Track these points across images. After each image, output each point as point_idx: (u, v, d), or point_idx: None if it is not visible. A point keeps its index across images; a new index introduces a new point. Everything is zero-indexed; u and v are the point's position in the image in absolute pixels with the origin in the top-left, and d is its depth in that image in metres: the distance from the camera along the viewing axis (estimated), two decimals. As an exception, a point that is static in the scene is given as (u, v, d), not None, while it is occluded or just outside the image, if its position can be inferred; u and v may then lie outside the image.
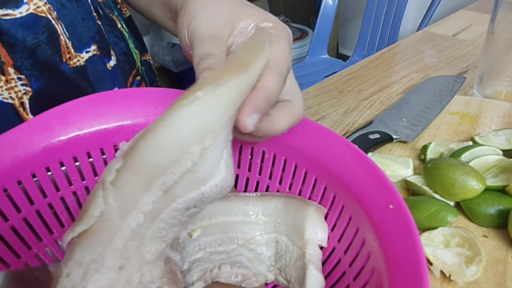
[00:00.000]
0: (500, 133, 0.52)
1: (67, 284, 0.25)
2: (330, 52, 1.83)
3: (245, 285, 0.32)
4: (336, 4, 1.59)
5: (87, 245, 0.25)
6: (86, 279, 0.25)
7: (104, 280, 0.25)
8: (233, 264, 0.33)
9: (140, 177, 0.25)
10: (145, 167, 0.25)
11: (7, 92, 0.47)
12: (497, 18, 0.58)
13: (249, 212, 0.37)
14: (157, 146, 0.24)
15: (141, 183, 0.25)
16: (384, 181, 0.31)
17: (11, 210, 0.36)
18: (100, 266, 0.25)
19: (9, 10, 0.44)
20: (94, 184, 0.41)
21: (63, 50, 0.49)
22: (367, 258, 0.29)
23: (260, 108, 0.28)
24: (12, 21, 0.44)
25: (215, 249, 0.34)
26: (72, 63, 0.50)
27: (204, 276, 0.32)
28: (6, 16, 0.44)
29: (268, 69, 0.29)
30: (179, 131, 0.24)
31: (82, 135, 0.39)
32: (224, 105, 0.25)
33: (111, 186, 0.25)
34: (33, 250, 0.37)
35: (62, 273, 0.26)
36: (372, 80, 0.74)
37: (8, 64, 0.46)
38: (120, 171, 0.25)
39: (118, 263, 0.25)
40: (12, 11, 0.44)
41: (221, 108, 0.25)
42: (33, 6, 0.45)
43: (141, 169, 0.25)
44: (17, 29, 0.45)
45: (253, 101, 0.28)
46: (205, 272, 0.32)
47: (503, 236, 0.40)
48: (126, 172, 0.25)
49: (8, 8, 0.44)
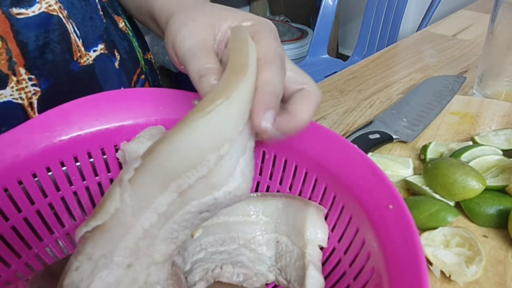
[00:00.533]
0: (500, 133, 0.52)
1: (76, 277, 0.25)
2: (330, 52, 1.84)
3: (247, 285, 0.33)
4: (336, 4, 1.59)
5: (99, 240, 0.26)
6: (94, 274, 0.25)
7: (111, 277, 0.25)
8: (234, 264, 0.33)
9: (157, 178, 0.25)
10: (162, 170, 0.25)
11: (18, 92, 0.47)
12: (497, 18, 0.58)
13: (250, 212, 0.37)
14: (175, 153, 0.25)
15: (158, 184, 0.25)
16: (384, 181, 0.31)
17: (11, 210, 0.36)
18: (110, 261, 0.25)
19: (22, 9, 0.44)
20: (94, 184, 0.41)
21: (74, 48, 0.49)
22: (367, 258, 0.29)
23: (270, 104, 0.27)
24: (25, 20, 0.45)
25: (216, 249, 0.34)
26: (83, 61, 0.50)
27: (206, 276, 0.32)
28: (20, 15, 0.44)
29: (261, 65, 0.29)
30: (197, 141, 0.25)
31: (83, 135, 0.39)
32: (239, 111, 0.26)
33: (128, 184, 0.25)
34: (34, 250, 0.37)
35: (72, 266, 0.26)
36: (372, 80, 0.74)
37: (20, 64, 0.46)
38: (138, 170, 0.26)
39: (127, 261, 0.26)
40: (25, 10, 0.45)
41: (235, 116, 0.26)
42: (45, 4, 0.46)
43: (158, 171, 0.25)
44: (29, 28, 0.45)
45: (261, 100, 0.27)
46: (206, 272, 0.32)
47: (503, 236, 0.40)
48: (143, 172, 0.25)
49: (21, 7, 0.44)
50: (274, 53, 0.30)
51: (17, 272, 0.36)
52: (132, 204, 0.25)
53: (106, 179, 0.41)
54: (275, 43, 0.31)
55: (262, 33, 0.31)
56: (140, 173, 0.26)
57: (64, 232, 0.39)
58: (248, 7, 2.51)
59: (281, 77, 0.29)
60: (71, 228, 0.40)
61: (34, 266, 0.37)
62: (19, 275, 0.36)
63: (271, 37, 0.31)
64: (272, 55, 0.29)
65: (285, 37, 2.18)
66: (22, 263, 0.36)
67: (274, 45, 0.31)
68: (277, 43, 0.31)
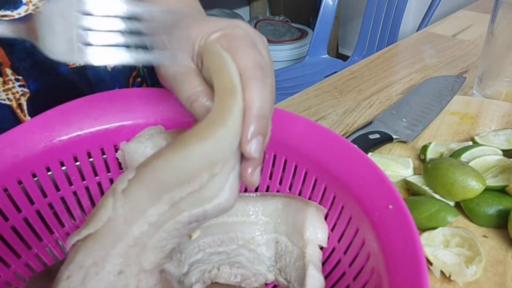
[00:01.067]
0: (500, 133, 0.52)
1: (67, 286, 0.26)
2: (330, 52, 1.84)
3: (245, 285, 0.32)
4: (336, 4, 1.59)
5: (91, 248, 0.26)
6: (85, 282, 0.26)
7: (102, 284, 0.26)
8: (232, 264, 0.33)
9: (150, 190, 0.26)
10: (156, 183, 0.26)
11: (5, 93, 0.47)
12: (497, 18, 0.58)
13: (249, 212, 0.37)
14: (171, 169, 0.26)
15: (151, 196, 0.26)
16: (384, 181, 0.31)
17: (11, 210, 0.36)
18: (101, 269, 0.26)
19: (7, 11, 0.44)
20: (94, 184, 0.41)
21: None
22: (367, 258, 0.29)
23: (256, 130, 0.27)
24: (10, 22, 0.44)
25: (214, 249, 0.34)
26: (72, 64, 0.50)
27: (202, 277, 0.32)
28: (5, 17, 0.44)
29: (244, 83, 0.27)
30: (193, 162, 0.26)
31: (82, 135, 0.39)
32: (234, 135, 0.26)
33: (121, 194, 0.26)
34: (33, 250, 0.37)
35: (63, 275, 0.26)
36: (372, 80, 0.74)
37: (6, 65, 0.45)
38: (132, 181, 0.26)
39: (118, 268, 0.26)
40: (11, 12, 0.44)
41: (231, 140, 0.26)
42: (32, 7, 0.45)
43: (152, 184, 0.26)
44: None
45: (247, 126, 0.27)
46: (203, 273, 0.32)
47: (503, 236, 0.40)
48: (137, 184, 0.26)
49: (6, 9, 0.44)
50: (253, 65, 0.28)
51: (17, 272, 0.36)
52: (124, 213, 0.26)
53: (106, 179, 0.41)
54: (251, 51, 0.29)
55: (236, 42, 0.30)
56: (134, 184, 0.26)
57: (64, 232, 0.39)
58: (248, 7, 2.52)
59: (264, 93, 0.28)
60: (71, 228, 0.40)
61: (34, 266, 0.37)
62: (19, 275, 0.36)
63: (246, 44, 0.30)
64: (251, 68, 0.28)
65: (285, 37, 2.18)
66: (21, 263, 0.36)
67: (251, 54, 0.29)
68: (253, 50, 0.30)
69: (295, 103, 0.68)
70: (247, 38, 0.31)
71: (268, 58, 0.31)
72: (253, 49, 0.30)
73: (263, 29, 2.20)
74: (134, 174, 0.26)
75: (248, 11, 2.52)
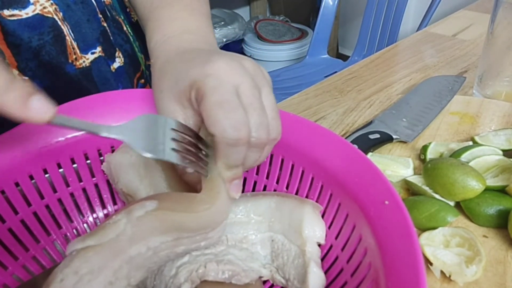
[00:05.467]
0: (500, 133, 0.52)
1: None
2: (330, 52, 1.83)
3: (235, 281, 0.32)
4: (336, 4, 1.59)
5: (90, 257, 0.28)
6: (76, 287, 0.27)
7: None
8: (219, 262, 0.33)
9: (162, 225, 0.30)
10: (169, 223, 0.30)
11: None
12: (497, 18, 0.58)
13: (239, 212, 0.37)
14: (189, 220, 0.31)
15: (161, 228, 0.30)
16: (380, 178, 0.31)
17: (8, 212, 0.36)
18: (95, 278, 0.28)
19: (15, 10, 0.44)
20: (91, 185, 0.40)
21: (69, 51, 0.49)
22: (364, 254, 0.29)
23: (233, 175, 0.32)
24: (18, 21, 0.44)
25: (201, 252, 0.33)
26: (78, 64, 0.50)
27: (190, 276, 0.32)
28: (12, 16, 0.44)
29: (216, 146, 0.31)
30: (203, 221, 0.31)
31: (80, 136, 0.39)
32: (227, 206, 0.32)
33: (136, 220, 0.29)
34: (31, 252, 0.37)
35: (56, 278, 0.27)
36: (372, 80, 0.74)
37: (12, 66, 0.45)
38: (148, 214, 0.30)
39: (110, 279, 0.28)
40: (19, 12, 0.44)
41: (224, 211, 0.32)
42: (39, 6, 0.45)
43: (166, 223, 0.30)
44: (23, 30, 0.45)
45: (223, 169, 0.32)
46: (191, 273, 0.32)
47: (503, 236, 0.40)
48: (152, 218, 0.30)
49: (14, 8, 0.44)
50: (221, 130, 0.29)
51: (14, 274, 0.35)
52: (131, 235, 0.29)
53: (103, 181, 0.41)
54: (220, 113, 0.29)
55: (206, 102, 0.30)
56: (149, 217, 0.29)
57: (61, 234, 0.39)
58: (248, 7, 2.51)
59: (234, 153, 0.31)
60: (68, 230, 0.40)
61: (31, 268, 0.37)
62: (16, 277, 0.35)
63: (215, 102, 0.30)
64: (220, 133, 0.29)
65: (285, 37, 2.18)
66: (19, 265, 0.36)
67: (219, 116, 0.29)
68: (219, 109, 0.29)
69: (295, 103, 0.68)
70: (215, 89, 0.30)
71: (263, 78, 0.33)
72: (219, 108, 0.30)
73: (263, 29, 2.20)
74: (154, 207, 0.30)
75: (248, 11, 2.52)
